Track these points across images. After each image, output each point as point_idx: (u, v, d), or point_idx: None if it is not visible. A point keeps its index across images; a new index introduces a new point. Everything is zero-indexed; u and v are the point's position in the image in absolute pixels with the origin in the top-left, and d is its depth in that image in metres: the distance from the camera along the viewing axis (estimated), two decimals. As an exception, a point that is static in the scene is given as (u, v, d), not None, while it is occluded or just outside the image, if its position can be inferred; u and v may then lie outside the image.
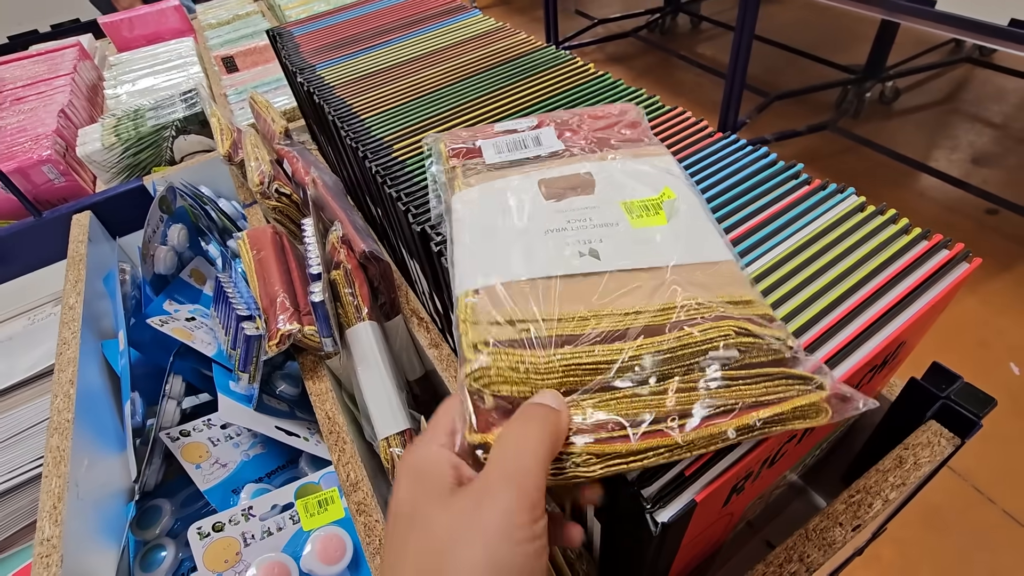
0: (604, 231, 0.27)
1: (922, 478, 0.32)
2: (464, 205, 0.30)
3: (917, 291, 0.26)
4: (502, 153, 0.33)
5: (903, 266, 0.27)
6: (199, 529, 0.37)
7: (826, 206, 0.31)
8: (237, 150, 0.64)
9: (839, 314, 0.26)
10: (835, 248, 0.29)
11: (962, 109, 1.90)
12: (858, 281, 0.27)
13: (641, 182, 0.29)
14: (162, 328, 0.50)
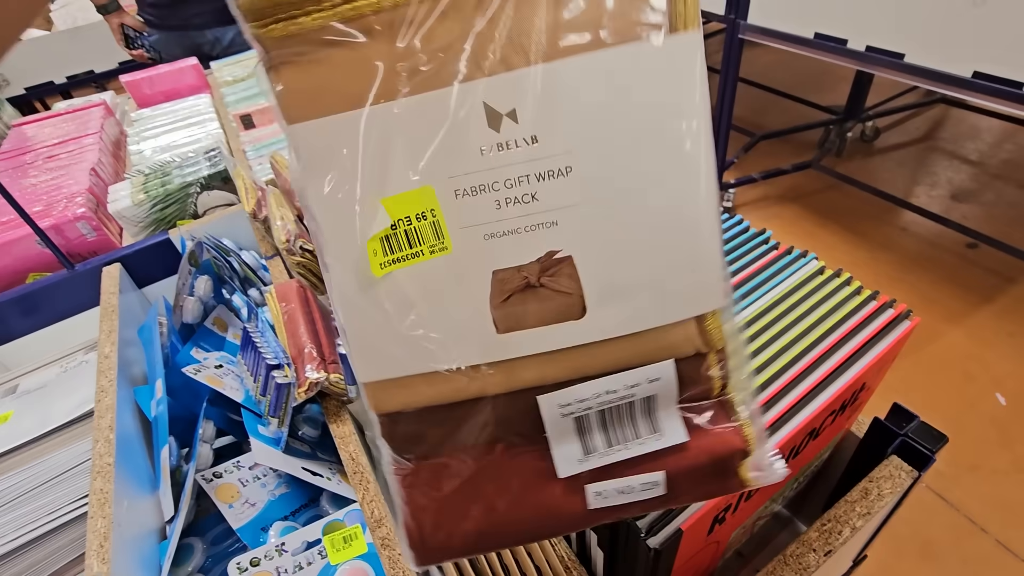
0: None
1: (887, 508, 0.36)
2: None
3: (867, 346, 0.31)
4: None
5: (853, 326, 0.32)
6: (238, 564, 0.41)
7: (790, 270, 0.36)
8: (261, 207, 0.69)
9: (800, 368, 0.31)
10: (797, 309, 0.34)
11: (940, 146, 1.99)
12: (816, 339, 0.32)
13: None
14: (196, 376, 0.55)
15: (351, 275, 0.19)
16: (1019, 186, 1.77)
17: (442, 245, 0.18)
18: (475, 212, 0.18)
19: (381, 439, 0.22)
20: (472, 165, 0.18)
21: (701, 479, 0.21)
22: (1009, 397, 1.26)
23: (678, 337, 0.20)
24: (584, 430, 0.20)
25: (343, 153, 0.18)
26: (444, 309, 0.19)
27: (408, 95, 0.18)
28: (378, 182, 0.18)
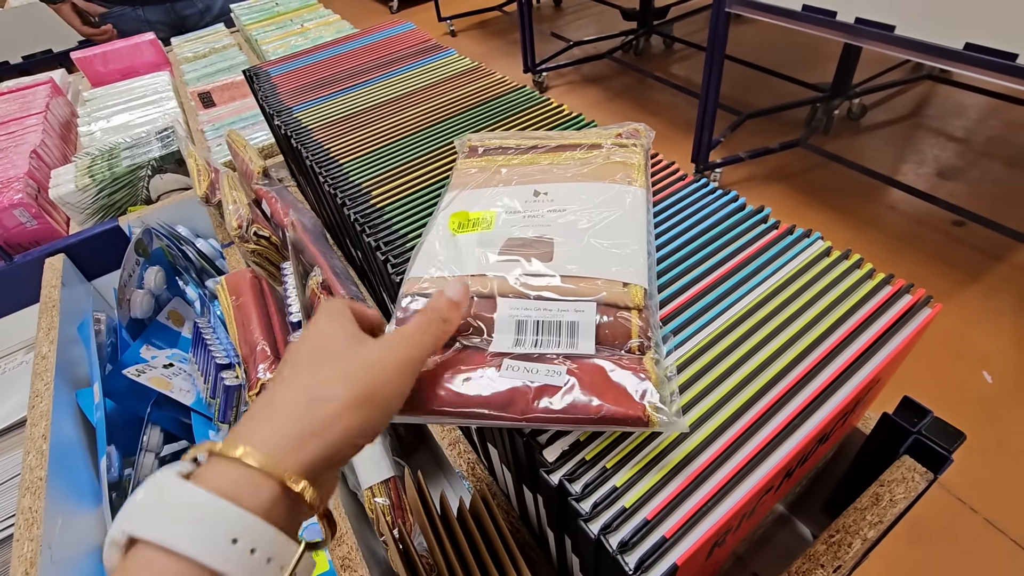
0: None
1: (898, 515, 0.32)
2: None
3: (883, 338, 0.27)
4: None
5: (868, 313, 0.28)
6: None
7: (793, 251, 0.32)
8: (215, 191, 0.63)
9: (811, 363, 0.27)
10: (803, 295, 0.30)
11: (926, 124, 1.97)
12: (827, 329, 0.28)
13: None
14: (139, 379, 0.49)
15: (443, 233, 0.34)
16: (1005, 163, 1.76)
17: (489, 227, 0.34)
18: (511, 218, 0.34)
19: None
20: (517, 206, 0.35)
21: (600, 391, 0.25)
22: (996, 375, 1.25)
23: (609, 288, 0.29)
24: (521, 329, 0.28)
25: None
26: (476, 249, 0.32)
27: (499, 185, 0.37)
28: (469, 207, 0.36)
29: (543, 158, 0.38)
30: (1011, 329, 1.33)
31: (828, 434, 0.28)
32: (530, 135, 0.41)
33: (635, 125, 0.40)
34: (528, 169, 0.37)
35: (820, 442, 0.27)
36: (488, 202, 0.35)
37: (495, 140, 0.41)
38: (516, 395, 0.25)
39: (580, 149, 0.38)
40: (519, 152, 0.39)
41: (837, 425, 0.29)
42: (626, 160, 0.37)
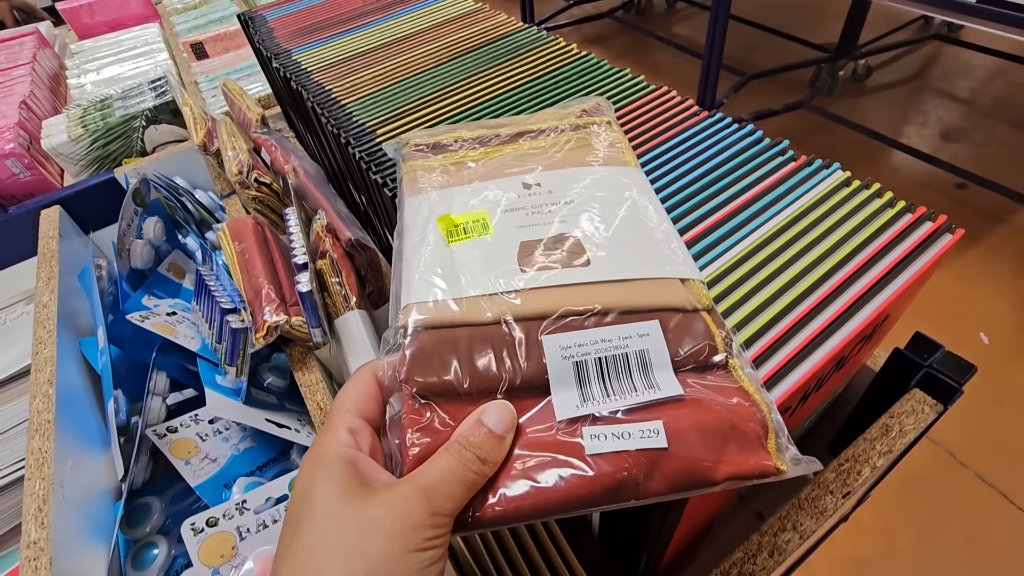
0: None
1: (907, 444, 0.33)
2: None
3: (903, 263, 0.27)
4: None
5: (888, 239, 0.28)
6: (192, 525, 0.37)
7: (812, 182, 0.32)
8: (212, 139, 0.62)
9: (830, 287, 0.26)
10: (823, 223, 0.29)
11: (931, 85, 1.94)
12: (847, 254, 0.27)
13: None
14: (143, 324, 0.49)
15: (433, 245, 0.26)
16: (1010, 124, 1.74)
17: (488, 231, 0.27)
18: (511, 217, 0.27)
19: (400, 380, 0.22)
20: (511, 202, 0.28)
21: (713, 442, 0.20)
22: (992, 336, 1.26)
23: (666, 289, 0.24)
24: (582, 376, 0.22)
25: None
26: (483, 261, 0.25)
27: (473, 182, 0.30)
28: (448, 210, 0.28)
29: (507, 148, 0.31)
30: (1009, 291, 1.34)
31: (846, 358, 0.28)
32: (478, 124, 0.34)
33: (595, 99, 0.35)
34: (501, 160, 0.30)
35: (837, 367, 0.27)
36: (470, 203, 0.28)
37: (442, 134, 0.33)
38: (620, 479, 0.19)
39: (547, 134, 0.32)
40: (478, 143, 0.32)
41: (853, 351, 0.28)
42: (603, 139, 0.31)
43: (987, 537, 1.00)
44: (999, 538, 1.00)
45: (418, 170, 0.31)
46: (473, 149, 0.31)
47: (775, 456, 0.20)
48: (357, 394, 0.22)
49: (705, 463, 0.20)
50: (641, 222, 0.26)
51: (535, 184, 0.28)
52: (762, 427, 0.20)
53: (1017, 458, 1.08)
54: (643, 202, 0.27)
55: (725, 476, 0.19)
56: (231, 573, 0.36)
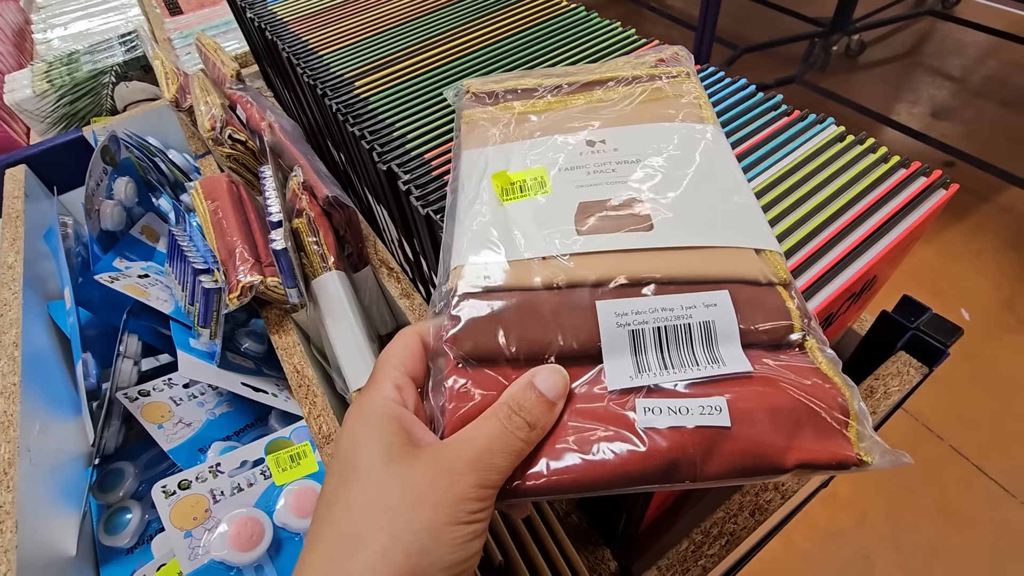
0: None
1: (891, 406, 0.33)
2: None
3: (896, 217, 0.26)
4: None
5: (882, 193, 0.27)
6: (164, 487, 0.36)
7: (807, 135, 0.31)
8: (185, 95, 0.59)
9: (820, 241, 0.25)
10: (816, 177, 0.28)
11: (924, 63, 1.93)
12: (839, 208, 0.27)
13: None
14: (112, 285, 0.47)
15: (487, 203, 0.25)
16: (999, 104, 1.74)
17: (545, 190, 0.25)
18: (570, 176, 0.26)
19: (446, 343, 0.22)
20: (572, 160, 0.26)
21: (784, 424, 0.18)
22: (973, 312, 1.28)
23: (738, 259, 0.22)
24: (638, 346, 0.20)
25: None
26: (537, 222, 0.24)
27: (535, 136, 0.28)
28: (506, 166, 0.27)
29: (576, 99, 0.29)
30: (991, 269, 1.35)
31: (833, 315, 0.27)
32: (546, 72, 0.32)
33: (674, 49, 0.32)
34: (564, 114, 0.28)
35: (825, 324, 0.27)
36: (528, 159, 0.26)
37: (504, 82, 0.31)
38: (675, 458, 0.18)
39: (618, 84, 0.30)
40: (545, 93, 0.30)
41: (842, 309, 0.28)
42: (679, 92, 0.28)
43: (959, 507, 1.02)
44: (970, 508, 1.02)
45: (477, 121, 0.29)
46: (537, 99, 0.30)
47: (857, 445, 0.18)
48: (404, 351, 0.22)
49: (774, 447, 0.18)
50: (715, 185, 0.24)
51: (599, 140, 0.27)
52: (843, 412, 0.18)
53: (991, 431, 1.10)
54: (719, 163, 0.25)
55: (796, 463, 0.18)
56: (204, 536, 0.35)
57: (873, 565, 0.98)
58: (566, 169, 0.26)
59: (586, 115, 0.28)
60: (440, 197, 0.31)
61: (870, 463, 0.18)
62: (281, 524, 0.37)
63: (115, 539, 0.42)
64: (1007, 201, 1.47)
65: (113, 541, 0.42)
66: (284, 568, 0.36)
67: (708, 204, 0.23)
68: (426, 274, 0.41)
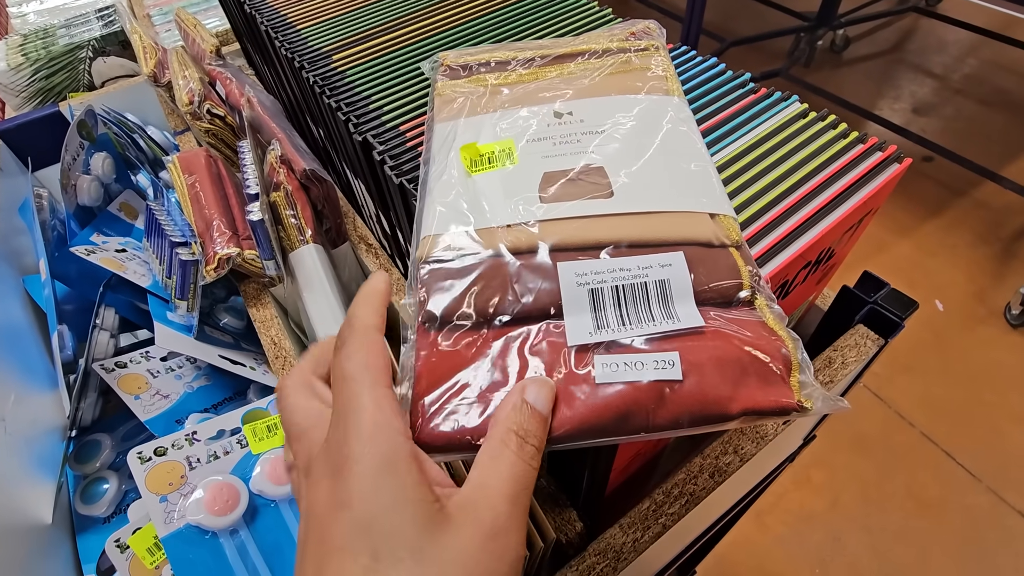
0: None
1: (850, 377, 0.34)
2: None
3: (851, 188, 0.27)
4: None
5: (839, 167, 0.28)
6: (140, 454, 0.36)
7: (770, 112, 0.31)
8: (163, 70, 0.59)
9: (777, 211, 0.26)
10: (776, 152, 0.29)
11: (907, 59, 1.96)
12: (797, 181, 0.28)
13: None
14: (88, 258, 0.47)
15: (455, 175, 0.26)
16: (978, 101, 1.77)
17: (512, 161, 0.26)
18: (537, 147, 0.27)
19: (415, 308, 0.22)
20: (540, 131, 0.27)
21: (730, 375, 0.19)
22: (947, 304, 1.31)
23: (693, 222, 0.23)
24: (597, 304, 0.21)
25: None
26: (504, 191, 0.25)
27: (505, 108, 0.29)
28: (476, 138, 0.28)
29: (548, 71, 0.30)
30: (966, 262, 1.38)
31: (790, 282, 0.28)
32: (521, 45, 0.32)
33: (645, 23, 0.33)
34: (535, 86, 0.29)
35: (781, 290, 0.28)
36: (497, 130, 0.27)
37: (479, 54, 0.32)
38: (630, 407, 0.19)
39: (590, 56, 0.31)
40: (517, 66, 0.31)
41: (799, 278, 0.29)
42: (647, 65, 0.30)
43: (927, 492, 1.06)
44: (936, 492, 1.05)
45: (449, 94, 0.30)
46: (510, 72, 0.30)
47: (798, 392, 0.19)
48: (379, 315, 0.21)
49: (721, 396, 0.19)
50: (675, 153, 0.25)
51: (567, 112, 0.28)
52: (785, 362, 0.19)
53: (961, 419, 1.14)
54: (680, 133, 0.26)
55: (741, 410, 0.19)
56: (180, 500, 0.35)
57: (844, 547, 1.01)
58: (533, 140, 0.26)
59: (556, 87, 0.29)
60: (414, 168, 0.32)
61: (810, 408, 0.19)
62: (257, 491, 0.37)
63: (91, 508, 0.42)
64: (982, 196, 1.51)
65: (89, 510, 0.42)
66: (260, 534, 0.36)
67: (667, 171, 0.24)
68: (403, 248, 0.41)
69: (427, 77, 0.33)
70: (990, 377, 1.18)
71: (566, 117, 0.27)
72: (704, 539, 0.50)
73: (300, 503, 0.18)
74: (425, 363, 0.21)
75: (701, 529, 0.44)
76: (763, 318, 0.21)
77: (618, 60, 0.30)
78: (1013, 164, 1.56)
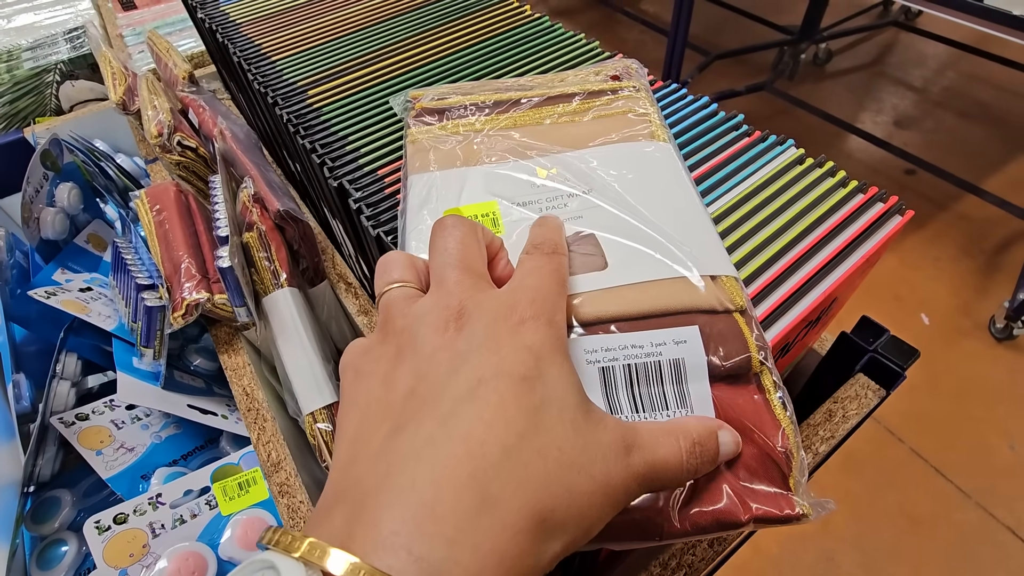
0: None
1: (849, 430, 0.32)
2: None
3: (854, 243, 0.26)
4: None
5: (841, 219, 0.27)
6: (97, 523, 0.34)
7: (766, 158, 0.30)
8: (133, 97, 0.56)
9: (779, 268, 0.25)
10: (775, 201, 0.28)
11: (887, 73, 1.98)
12: (798, 234, 0.26)
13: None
14: (48, 301, 0.44)
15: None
16: (957, 114, 1.80)
17: (498, 229, 0.24)
18: (522, 212, 0.25)
19: None
20: (524, 193, 0.25)
21: (743, 477, 0.18)
22: (932, 318, 1.31)
23: (696, 290, 0.21)
24: (609, 384, 0.20)
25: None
26: None
27: (484, 163, 0.27)
28: (456, 200, 0.26)
29: (526, 116, 0.28)
30: (949, 275, 1.39)
31: (790, 344, 0.26)
32: (499, 84, 0.30)
33: (626, 63, 0.32)
34: (517, 135, 0.27)
35: (782, 353, 0.26)
36: (479, 191, 0.25)
37: (454, 96, 0.30)
38: (649, 510, 0.18)
39: (568, 101, 0.28)
40: (489, 110, 0.29)
41: (799, 336, 0.27)
42: (631, 108, 0.28)
43: (918, 509, 1.05)
44: (927, 509, 1.05)
45: (422, 141, 0.28)
46: (484, 117, 0.28)
47: (796, 499, 0.18)
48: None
49: (732, 505, 0.18)
50: (669, 208, 0.24)
51: (550, 169, 0.26)
52: (787, 461, 0.18)
53: (949, 434, 1.14)
54: (675, 186, 0.25)
55: (750, 518, 0.18)
56: (142, 573, 0.33)
57: (837, 566, 1.00)
58: (518, 204, 0.25)
59: (535, 137, 0.27)
60: (393, 217, 0.30)
61: (808, 516, 0.18)
62: (227, 558, 0.35)
63: (48, 574, 0.39)
64: (964, 209, 1.52)
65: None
66: (229, 604, 0.34)
67: (661, 234, 0.23)
68: (383, 291, 0.39)
69: (399, 115, 0.31)
70: (977, 391, 1.19)
71: (551, 174, 0.26)
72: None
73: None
74: None
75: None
76: (771, 404, 0.19)
77: (600, 103, 0.28)
78: (993, 177, 1.58)
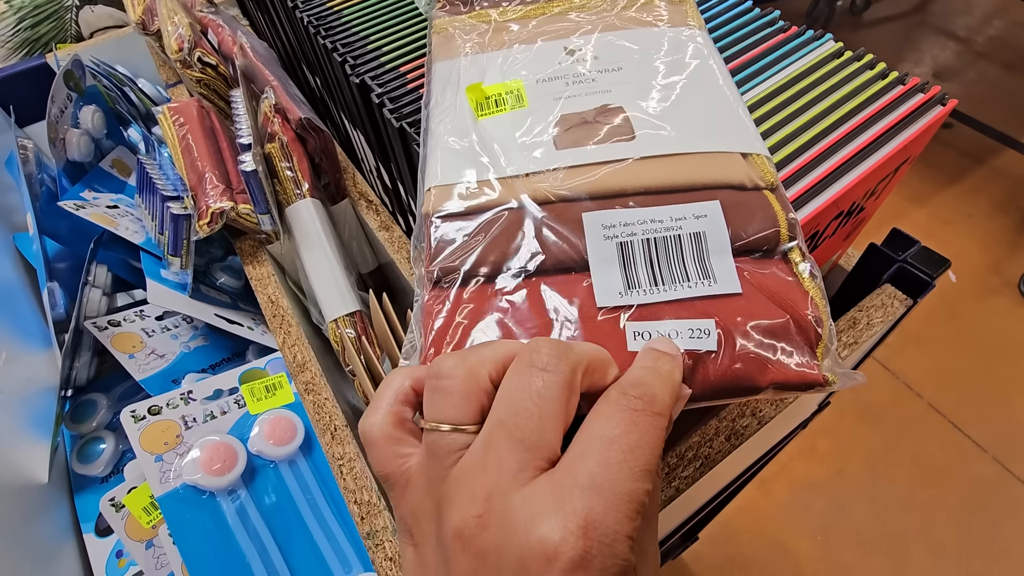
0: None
1: (874, 339, 0.32)
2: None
3: (892, 131, 0.25)
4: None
5: (878, 108, 0.26)
6: (133, 412, 0.35)
7: (803, 51, 0.29)
8: (152, 17, 0.56)
9: (812, 154, 0.24)
10: (810, 92, 0.27)
11: (929, 21, 1.88)
12: (832, 123, 0.25)
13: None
14: (78, 213, 0.45)
15: (461, 119, 0.24)
16: (1001, 65, 1.71)
17: (522, 104, 0.24)
18: (548, 87, 0.24)
19: (426, 267, 0.21)
20: (550, 70, 0.25)
21: (764, 345, 0.18)
22: (960, 275, 1.28)
23: (724, 163, 0.21)
24: (628, 260, 0.19)
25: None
26: (516, 137, 0.23)
27: (511, 45, 0.26)
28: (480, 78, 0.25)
29: (553, 5, 0.27)
30: (981, 232, 1.35)
31: (819, 234, 0.26)
32: None
33: None
34: (543, 21, 0.27)
35: (810, 243, 0.26)
36: (504, 70, 0.25)
37: None
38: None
39: None
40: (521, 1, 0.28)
41: (829, 229, 0.27)
42: None
43: (933, 462, 1.05)
44: (943, 462, 1.05)
45: (449, 30, 0.27)
46: (514, 6, 0.28)
47: (823, 366, 0.18)
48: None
49: (752, 370, 0.18)
50: (699, 90, 0.23)
51: (579, 49, 0.25)
52: (815, 331, 0.18)
53: (969, 390, 1.12)
54: (704, 67, 0.24)
55: (770, 383, 0.18)
56: (176, 460, 0.34)
57: (847, 514, 1.01)
58: (544, 80, 0.24)
59: (565, 22, 0.26)
60: (415, 111, 0.29)
61: (834, 383, 0.18)
62: (256, 451, 0.36)
63: (88, 468, 0.41)
64: (1002, 164, 1.46)
65: (86, 470, 0.41)
66: (259, 495, 0.36)
67: (692, 109, 0.22)
68: (405, 203, 0.39)
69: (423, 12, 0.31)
70: (1002, 349, 1.17)
71: (578, 54, 0.25)
72: (711, 505, 0.49)
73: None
74: (440, 321, 0.19)
75: (711, 495, 0.43)
76: (797, 275, 0.19)
77: None
78: (1036, 131, 1.51)
